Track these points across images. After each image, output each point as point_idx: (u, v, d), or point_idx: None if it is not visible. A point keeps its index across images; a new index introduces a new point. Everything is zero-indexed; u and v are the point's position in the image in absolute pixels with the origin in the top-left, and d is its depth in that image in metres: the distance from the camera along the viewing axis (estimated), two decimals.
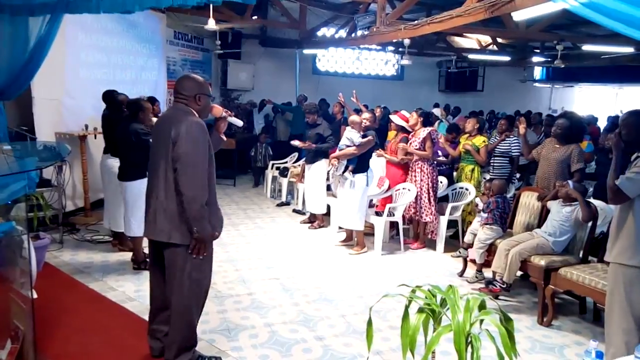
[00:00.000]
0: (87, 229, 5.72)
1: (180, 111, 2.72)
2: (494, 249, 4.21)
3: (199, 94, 2.77)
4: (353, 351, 3.27)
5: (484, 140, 5.74)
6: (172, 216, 2.66)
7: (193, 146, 2.60)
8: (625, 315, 2.62)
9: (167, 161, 2.62)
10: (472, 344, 1.74)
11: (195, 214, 2.61)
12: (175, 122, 2.63)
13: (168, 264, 2.75)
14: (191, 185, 2.58)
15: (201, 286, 2.86)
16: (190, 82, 2.80)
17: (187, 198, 2.58)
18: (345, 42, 9.97)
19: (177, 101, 2.78)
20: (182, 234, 2.67)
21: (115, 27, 6.89)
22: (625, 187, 2.59)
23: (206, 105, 2.84)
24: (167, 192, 2.66)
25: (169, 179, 2.64)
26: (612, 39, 8.82)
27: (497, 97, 14.41)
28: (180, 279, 2.72)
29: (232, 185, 8.98)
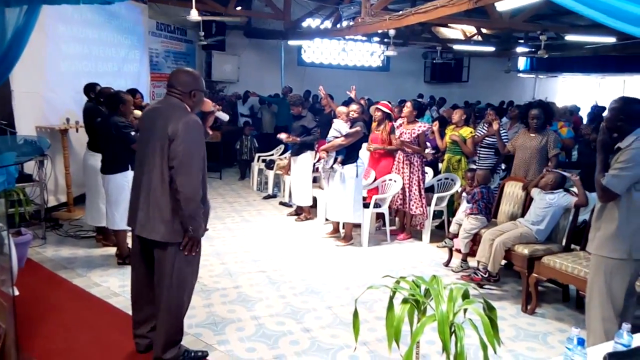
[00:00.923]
0: (70, 224, 5.65)
1: (175, 106, 2.66)
2: (478, 239, 4.25)
3: (195, 90, 2.72)
4: (340, 342, 3.29)
5: (470, 131, 5.78)
6: (166, 215, 2.62)
7: (192, 145, 2.57)
8: (606, 304, 2.66)
9: (163, 157, 2.57)
10: (455, 333, 1.75)
11: (192, 212, 2.59)
12: (171, 118, 2.57)
13: (159, 262, 2.72)
14: (189, 184, 2.56)
15: (191, 282, 2.85)
16: (187, 77, 2.73)
17: (184, 197, 2.55)
18: (330, 33, 9.93)
19: (171, 95, 2.71)
20: (175, 233, 2.65)
21: (96, 19, 6.77)
22: (613, 185, 2.60)
23: (200, 101, 2.80)
24: (163, 189, 2.60)
25: (165, 176, 2.59)
26: (594, 29, 8.91)
27: (482, 88, 14.50)
28: (171, 276, 2.70)
29: (218, 179, 8.92)
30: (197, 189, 2.61)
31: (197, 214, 2.62)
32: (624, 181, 2.59)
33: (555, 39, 10.98)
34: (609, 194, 2.63)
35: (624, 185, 2.60)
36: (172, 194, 2.59)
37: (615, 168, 2.62)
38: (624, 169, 2.58)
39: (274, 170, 7.67)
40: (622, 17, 2.05)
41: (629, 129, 2.66)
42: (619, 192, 2.61)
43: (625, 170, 2.58)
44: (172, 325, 2.79)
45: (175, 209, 2.60)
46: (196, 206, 2.60)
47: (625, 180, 2.59)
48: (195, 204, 2.60)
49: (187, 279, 2.80)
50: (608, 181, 2.61)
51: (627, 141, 2.65)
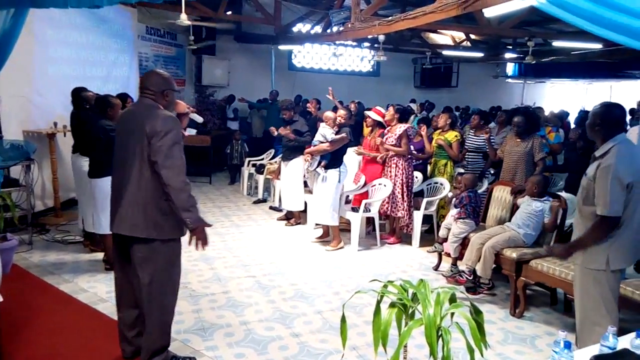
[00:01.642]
0: (57, 229, 5.59)
1: (150, 106, 2.69)
2: (467, 243, 4.27)
3: (167, 90, 2.76)
4: (329, 347, 3.28)
5: (456, 135, 5.83)
6: (146, 210, 2.62)
7: (172, 139, 2.60)
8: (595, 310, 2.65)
9: (143, 156, 2.58)
10: (442, 337, 1.76)
11: (184, 204, 2.60)
12: (148, 117, 2.60)
13: (139, 261, 2.69)
14: (176, 176, 2.58)
15: (175, 283, 2.83)
16: (157, 78, 2.78)
17: (173, 189, 2.57)
18: (320, 38, 9.95)
19: (144, 96, 2.75)
20: (158, 229, 2.64)
21: (85, 23, 6.73)
22: (617, 211, 2.49)
23: (173, 100, 2.84)
24: (140, 186, 2.62)
25: (144, 174, 2.60)
26: (581, 36, 9.01)
27: (471, 93, 14.61)
28: (153, 276, 2.68)
29: (207, 183, 8.89)
30: (184, 180, 2.63)
31: (190, 204, 2.63)
32: (620, 200, 2.49)
33: (543, 45, 11.11)
34: (613, 220, 2.51)
35: (622, 204, 2.50)
36: (153, 191, 2.60)
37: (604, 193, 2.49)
38: (613, 189, 2.47)
39: (264, 175, 7.66)
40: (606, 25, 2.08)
41: (607, 134, 2.62)
42: (620, 213, 2.51)
43: (614, 189, 2.47)
44: (158, 330, 2.76)
45: (156, 205, 2.61)
46: (187, 196, 2.62)
47: (621, 198, 2.49)
48: (186, 195, 2.61)
49: (171, 280, 2.78)
50: (611, 210, 2.47)
51: (603, 149, 2.60)
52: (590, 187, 2.62)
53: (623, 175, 2.48)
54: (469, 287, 4.23)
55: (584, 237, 2.64)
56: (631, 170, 2.51)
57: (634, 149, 2.78)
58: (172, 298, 2.83)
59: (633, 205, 2.56)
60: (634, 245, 2.66)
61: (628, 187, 2.50)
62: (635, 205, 2.57)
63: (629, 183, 2.49)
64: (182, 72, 10.66)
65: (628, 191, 2.51)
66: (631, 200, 2.54)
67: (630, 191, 2.52)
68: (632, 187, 2.51)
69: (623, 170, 2.48)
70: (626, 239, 2.59)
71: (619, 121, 2.66)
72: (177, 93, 2.90)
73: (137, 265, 2.70)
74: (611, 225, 2.54)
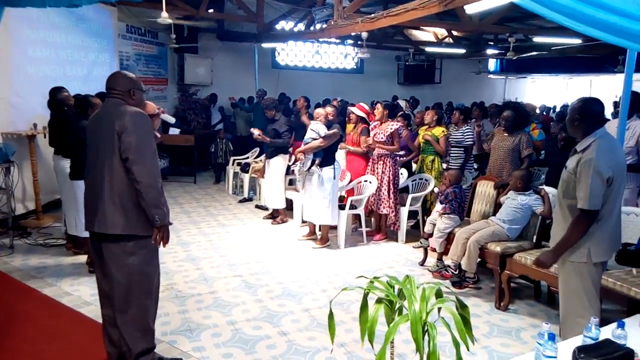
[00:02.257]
0: (39, 232, 5.50)
1: (118, 105, 2.67)
2: (452, 238, 4.31)
3: (133, 89, 2.74)
4: (317, 344, 3.28)
5: (442, 130, 5.87)
6: (121, 207, 2.59)
7: (141, 134, 2.58)
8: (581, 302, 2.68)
9: (114, 154, 2.56)
10: (428, 332, 1.77)
11: (154, 200, 2.58)
12: (117, 114, 2.59)
13: (113, 259, 2.65)
14: (145, 173, 2.56)
15: (153, 282, 2.79)
16: (122, 78, 2.77)
17: (143, 186, 2.54)
18: (303, 35, 9.93)
19: (112, 96, 2.73)
20: (134, 225, 2.62)
21: (63, 22, 6.62)
22: (595, 205, 2.52)
23: (141, 100, 2.81)
24: (115, 184, 2.59)
25: (117, 171, 2.58)
26: (561, 31, 9.14)
27: (454, 89, 14.73)
28: (128, 275, 2.65)
29: (192, 183, 8.82)
30: (155, 176, 2.61)
31: (160, 201, 2.61)
32: (600, 194, 2.53)
33: (523, 41, 11.25)
34: (592, 214, 2.56)
35: (601, 198, 2.54)
36: (128, 187, 2.58)
37: (584, 187, 2.54)
38: (593, 184, 2.51)
39: (249, 174, 7.63)
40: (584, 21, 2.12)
41: (587, 129, 2.65)
42: (600, 207, 2.55)
43: (594, 183, 2.51)
44: (139, 332, 2.72)
45: (133, 201, 2.59)
46: (157, 194, 2.59)
47: (600, 192, 2.53)
48: (156, 192, 2.59)
49: (149, 279, 2.74)
50: (591, 204, 2.52)
51: (584, 144, 2.63)
52: (570, 180, 2.66)
53: (603, 169, 2.51)
54: (455, 282, 4.28)
55: (567, 236, 2.67)
56: (611, 165, 2.55)
57: (614, 143, 2.81)
58: (151, 298, 2.79)
59: (613, 198, 2.61)
60: (614, 238, 2.72)
61: (608, 181, 2.54)
62: (615, 199, 2.62)
63: (609, 177, 2.53)
64: (164, 71, 10.55)
65: (608, 185, 2.56)
66: (611, 194, 2.59)
67: (611, 185, 2.56)
68: (612, 180, 2.56)
69: (603, 164, 2.52)
70: (606, 231, 2.63)
71: (598, 115, 2.69)
72: (145, 93, 2.87)
73: (112, 264, 2.66)
74: (591, 219, 2.58)
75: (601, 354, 1.83)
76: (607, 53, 10.75)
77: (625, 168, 2.75)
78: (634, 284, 3.05)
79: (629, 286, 3.02)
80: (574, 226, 2.63)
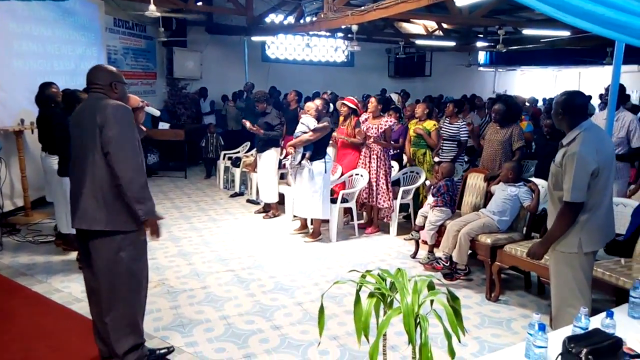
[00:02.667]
0: (28, 229, 5.44)
1: (99, 98, 2.64)
2: (444, 230, 4.33)
3: (114, 82, 2.70)
4: (310, 338, 3.29)
5: (434, 124, 5.88)
6: (103, 202, 2.57)
7: (122, 128, 2.55)
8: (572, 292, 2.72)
9: (96, 148, 2.53)
10: (420, 324, 1.78)
11: (137, 195, 2.55)
12: (98, 108, 2.55)
13: (99, 256, 2.62)
14: (127, 167, 2.52)
15: (140, 278, 2.77)
16: (103, 71, 2.74)
17: (125, 181, 2.51)
18: (293, 28, 9.89)
19: (93, 91, 2.69)
20: (117, 220, 2.59)
21: (49, 15, 6.52)
22: (577, 198, 2.56)
23: (123, 93, 2.77)
24: (97, 179, 2.56)
25: (99, 166, 2.55)
26: (549, 23, 9.19)
27: (444, 82, 14.76)
28: (116, 271, 2.62)
29: (183, 178, 8.78)
30: (137, 170, 2.58)
31: (143, 195, 2.58)
32: (583, 187, 2.56)
33: (513, 34, 11.28)
34: (575, 206, 2.60)
35: (584, 191, 2.57)
36: (110, 182, 2.54)
37: (568, 179, 2.58)
38: (577, 176, 2.55)
39: (240, 168, 7.60)
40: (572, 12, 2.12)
41: (571, 122, 2.68)
42: (583, 199, 2.59)
43: (577, 176, 2.55)
44: (127, 327, 2.71)
45: (115, 196, 2.56)
46: (139, 188, 2.56)
47: (584, 185, 2.56)
48: (138, 186, 2.56)
49: (137, 276, 2.72)
50: (573, 197, 2.56)
51: (569, 137, 2.67)
52: (558, 173, 2.69)
53: (588, 162, 2.54)
54: (446, 274, 4.30)
55: (553, 228, 2.72)
56: (596, 157, 2.57)
57: (601, 134, 2.83)
58: (139, 295, 2.78)
59: (602, 188, 2.63)
60: (605, 228, 2.76)
61: (594, 174, 2.57)
62: (603, 189, 2.65)
63: (594, 170, 2.56)
64: (152, 65, 10.45)
65: (595, 177, 2.58)
66: (598, 185, 2.61)
67: (598, 176, 2.59)
68: (599, 172, 2.58)
69: (588, 157, 2.55)
70: (597, 222, 2.67)
71: (580, 108, 2.71)
72: (126, 86, 2.83)
73: (99, 261, 2.63)
74: (575, 211, 2.62)
75: (590, 344, 1.84)
76: (596, 45, 10.81)
77: (613, 158, 2.78)
78: (622, 273, 3.09)
79: (618, 276, 3.06)
80: (559, 218, 2.68)
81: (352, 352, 3.11)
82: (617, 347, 1.92)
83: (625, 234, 3.43)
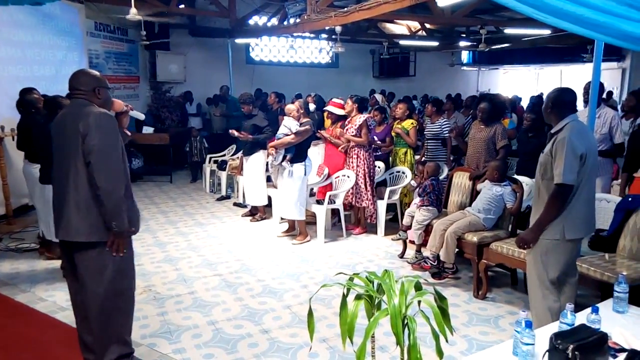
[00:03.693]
0: (10, 237, 5.35)
1: (82, 105, 2.58)
2: (430, 229, 4.35)
3: (98, 87, 2.65)
4: (299, 341, 3.28)
5: (412, 122, 5.94)
6: (88, 214, 2.52)
7: (105, 137, 2.50)
8: (543, 281, 2.80)
9: (77, 156, 2.48)
10: (408, 325, 1.78)
11: (114, 207, 2.50)
12: (81, 115, 2.50)
13: (85, 268, 2.57)
14: (107, 178, 2.48)
15: (127, 288, 2.73)
16: (85, 76, 2.67)
17: (104, 191, 2.46)
18: (277, 30, 9.86)
19: (76, 97, 2.63)
20: (100, 232, 2.54)
21: (29, 20, 6.42)
22: (569, 180, 2.62)
23: (107, 98, 2.72)
24: (79, 189, 2.51)
25: (81, 175, 2.50)
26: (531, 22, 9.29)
27: (428, 81, 14.86)
28: (100, 283, 2.57)
29: (168, 182, 8.69)
30: (118, 181, 2.53)
31: (120, 208, 2.53)
32: (575, 169, 2.64)
33: (495, 33, 11.39)
34: (567, 188, 2.65)
35: (575, 174, 2.64)
36: (93, 191, 2.50)
37: (559, 163, 2.64)
38: (567, 159, 2.62)
39: (226, 171, 7.55)
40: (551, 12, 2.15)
41: (559, 116, 2.81)
42: (574, 182, 2.65)
43: (568, 159, 2.62)
44: (114, 341, 2.67)
45: (97, 206, 2.51)
46: (118, 200, 2.51)
47: (574, 167, 2.64)
48: (117, 198, 2.51)
49: (123, 285, 2.68)
50: (565, 178, 2.61)
51: (558, 126, 2.79)
52: (548, 162, 2.77)
53: (576, 146, 2.65)
54: (434, 273, 4.32)
55: (544, 213, 2.76)
56: (583, 143, 2.70)
57: (585, 128, 2.95)
58: (126, 305, 2.74)
59: (585, 176, 2.73)
60: (587, 217, 2.84)
61: (582, 158, 2.67)
62: (587, 177, 2.75)
63: (582, 154, 2.67)
64: (135, 69, 10.34)
65: (582, 162, 2.68)
66: (584, 172, 2.71)
67: (584, 162, 2.69)
68: (585, 158, 2.69)
69: (576, 141, 2.66)
70: (579, 209, 2.74)
71: (569, 103, 2.85)
72: (110, 91, 2.78)
73: (85, 273, 2.58)
74: (566, 194, 2.69)
75: (577, 340, 1.87)
76: (576, 43, 10.97)
77: (596, 151, 2.91)
78: (607, 268, 3.13)
79: (602, 271, 3.10)
80: (551, 201, 2.73)
81: (341, 354, 3.11)
82: (603, 342, 1.94)
83: (609, 230, 3.48)
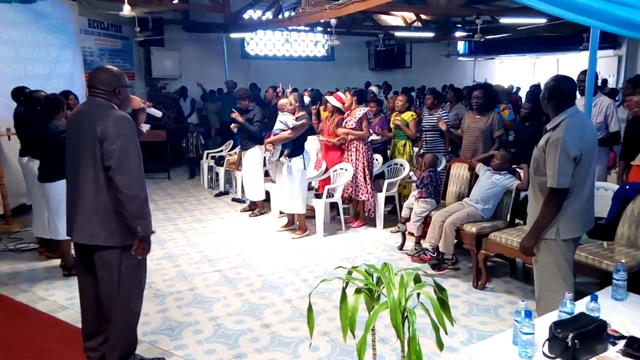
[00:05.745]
0: (9, 237, 5.33)
1: (101, 106, 2.54)
2: (429, 221, 4.35)
3: (119, 87, 2.60)
4: (300, 335, 3.29)
5: (412, 114, 5.92)
6: (106, 218, 2.51)
7: (126, 142, 2.47)
8: (554, 277, 2.73)
9: (95, 159, 2.45)
10: (408, 318, 1.79)
11: (137, 211, 2.49)
12: (99, 118, 2.46)
13: (104, 270, 2.59)
14: (129, 183, 2.45)
15: (141, 286, 2.76)
16: (107, 75, 2.61)
17: (126, 197, 2.44)
18: (271, 24, 9.81)
19: (95, 95, 2.58)
20: (117, 235, 2.54)
21: (21, 18, 6.37)
22: (564, 183, 2.55)
23: (126, 97, 2.69)
24: (98, 192, 2.49)
25: (100, 179, 2.48)
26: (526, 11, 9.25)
27: (424, 73, 14.81)
28: (119, 284, 2.59)
29: (166, 179, 8.68)
30: (140, 185, 2.52)
31: (144, 211, 2.53)
32: (568, 172, 2.56)
33: (490, 22, 11.34)
34: (561, 192, 2.58)
35: (569, 176, 2.56)
36: (110, 195, 2.48)
37: (552, 166, 2.56)
38: (560, 162, 2.54)
39: (224, 167, 7.54)
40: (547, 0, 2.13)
41: (556, 107, 2.67)
42: (568, 185, 2.58)
43: (561, 162, 2.54)
44: (125, 335, 2.70)
45: (116, 210, 2.50)
46: (141, 204, 2.51)
47: (568, 171, 2.55)
48: (140, 202, 2.50)
49: (136, 284, 2.71)
50: (559, 182, 2.55)
51: (554, 122, 2.66)
52: (540, 158, 2.68)
53: (570, 148, 2.54)
54: (434, 264, 4.33)
55: (540, 216, 2.70)
56: (579, 143, 2.56)
57: (585, 121, 2.83)
58: (138, 302, 2.76)
59: (582, 176, 2.63)
60: (585, 216, 2.74)
61: (576, 160, 2.57)
62: (584, 176, 2.65)
63: (576, 156, 2.56)
64: (130, 66, 10.29)
65: (577, 163, 2.58)
66: (580, 171, 2.61)
67: (579, 163, 2.59)
68: (581, 158, 2.58)
69: (570, 143, 2.54)
70: (575, 209, 2.66)
71: (567, 94, 2.69)
72: (130, 89, 2.75)
73: (101, 272, 2.60)
74: (561, 197, 2.62)
75: (576, 328, 1.87)
76: (572, 31, 10.93)
77: (596, 146, 2.77)
78: (605, 256, 3.14)
79: (601, 259, 3.11)
80: (546, 205, 2.67)
81: (342, 346, 3.12)
82: (602, 330, 1.95)
83: (607, 218, 3.48)
